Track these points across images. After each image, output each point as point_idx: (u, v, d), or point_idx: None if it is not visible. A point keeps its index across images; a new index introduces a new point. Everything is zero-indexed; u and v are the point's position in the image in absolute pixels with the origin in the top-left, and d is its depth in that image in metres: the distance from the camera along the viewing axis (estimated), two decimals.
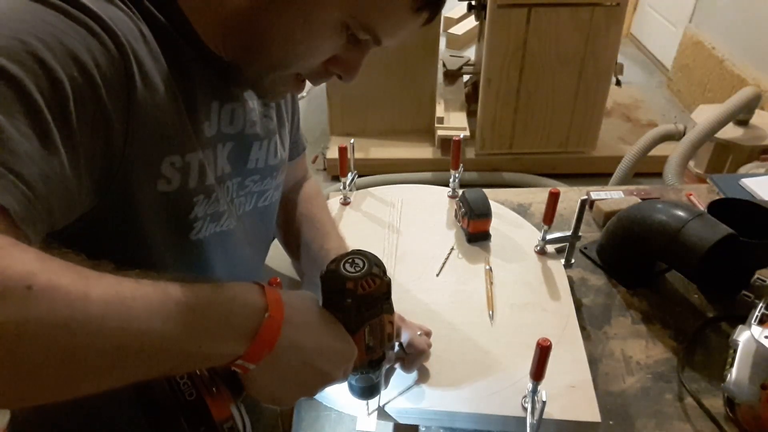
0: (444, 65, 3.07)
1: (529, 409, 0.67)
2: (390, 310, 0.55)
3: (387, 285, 0.53)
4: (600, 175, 2.60)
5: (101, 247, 0.48)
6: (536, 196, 1.16)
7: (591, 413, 0.69)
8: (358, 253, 0.53)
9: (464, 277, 0.90)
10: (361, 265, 0.51)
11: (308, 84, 0.61)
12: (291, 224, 0.87)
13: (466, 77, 3.11)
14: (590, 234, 1.07)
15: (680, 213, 0.87)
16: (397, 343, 0.73)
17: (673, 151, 2.25)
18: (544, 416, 0.65)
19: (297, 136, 0.86)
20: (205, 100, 0.57)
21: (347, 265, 0.51)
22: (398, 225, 1.01)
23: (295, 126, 0.83)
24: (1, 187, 0.36)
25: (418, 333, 0.75)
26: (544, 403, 0.64)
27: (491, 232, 0.98)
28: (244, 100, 0.63)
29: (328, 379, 0.51)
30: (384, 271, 0.52)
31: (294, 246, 0.86)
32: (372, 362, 0.57)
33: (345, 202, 1.06)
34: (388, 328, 0.55)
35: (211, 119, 0.58)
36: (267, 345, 0.44)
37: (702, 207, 1.04)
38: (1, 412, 0.69)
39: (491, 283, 0.89)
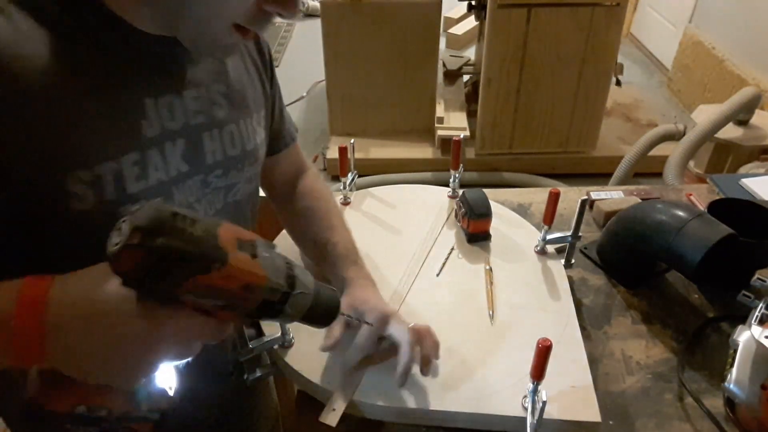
0: (444, 65, 3.07)
1: (529, 409, 0.67)
2: (206, 269, 0.42)
3: (160, 252, 0.40)
4: (600, 175, 2.60)
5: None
6: (536, 196, 1.16)
7: (591, 413, 0.69)
8: (135, 211, 0.41)
9: (464, 277, 0.90)
10: (123, 231, 0.40)
11: (309, 83, 0.61)
12: (295, 222, 0.86)
13: (466, 77, 3.11)
14: (590, 234, 1.07)
15: (680, 213, 0.87)
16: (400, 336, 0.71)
17: (673, 151, 2.25)
18: (544, 416, 0.65)
19: (281, 126, 0.82)
20: (134, 98, 0.55)
21: (114, 234, 0.40)
22: (398, 225, 1.01)
23: (277, 115, 0.80)
24: None
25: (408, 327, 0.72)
26: (544, 403, 0.64)
27: (491, 232, 0.98)
28: (179, 90, 0.60)
29: (144, 367, 0.43)
30: (156, 232, 0.40)
31: (305, 243, 0.85)
32: (259, 311, 0.46)
33: (345, 202, 1.06)
34: (230, 282, 0.43)
35: (148, 117, 0.56)
36: (31, 357, 0.39)
37: (702, 207, 1.04)
38: None
39: (491, 283, 0.89)
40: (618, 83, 2.66)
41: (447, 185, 1.11)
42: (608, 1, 2.34)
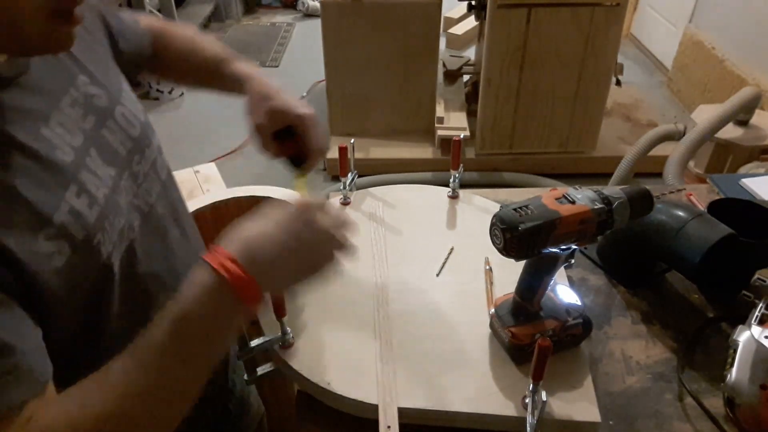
0: (444, 65, 3.07)
1: (529, 409, 0.67)
2: (553, 227, 0.64)
3: (524, 234, 0.63)
4: (600, 175, 2.60)
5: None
6: None
7: (591, 413, 0.69)
8: (495, 221, 0.65)
9: (464, 277, 0.90)
10: (497, 235, 0.66)
11: (309, 83, 0.61)
12: (178, 65, 0.84)
13: (466, 77, 3.11)
14: None
15: (680, 213, 0.87)
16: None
17: (673, 151, 2.25)
18: (544, 416, 0.65)
19: (121, 29, 0.74)
20: (33, 133, 0.51)
21: (494, 238, 0.67)
22: (398, 225, 1.01)
23: (122, 41, 0.74)
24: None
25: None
26: (544, 403, 0.64)
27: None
28: (55, 104, 0.56)
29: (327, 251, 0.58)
30: (514, 225, 0.63)
31: (198, 74, 0.85)
32: (598, 230, 0.67)
33: (345, 202, 1.06)
34: (570, 226, 0.64)
35: (57, 145, 0.53)
36: (252, 298, 0.51)
37: (702, 207, 1.04)
38: None
39: (491, 283, 0.89)
40: (618, 83, 2.66)
41: (447, 185, 1.10)
42: (608, 1, 2.34)
